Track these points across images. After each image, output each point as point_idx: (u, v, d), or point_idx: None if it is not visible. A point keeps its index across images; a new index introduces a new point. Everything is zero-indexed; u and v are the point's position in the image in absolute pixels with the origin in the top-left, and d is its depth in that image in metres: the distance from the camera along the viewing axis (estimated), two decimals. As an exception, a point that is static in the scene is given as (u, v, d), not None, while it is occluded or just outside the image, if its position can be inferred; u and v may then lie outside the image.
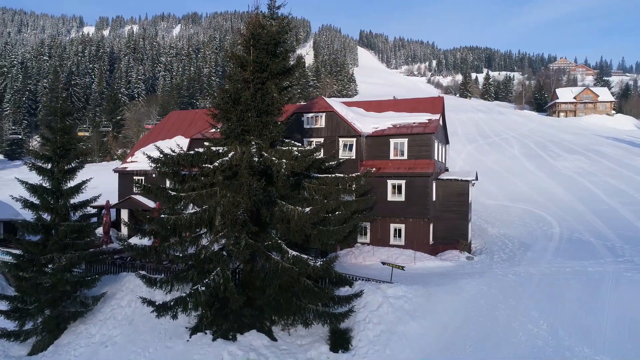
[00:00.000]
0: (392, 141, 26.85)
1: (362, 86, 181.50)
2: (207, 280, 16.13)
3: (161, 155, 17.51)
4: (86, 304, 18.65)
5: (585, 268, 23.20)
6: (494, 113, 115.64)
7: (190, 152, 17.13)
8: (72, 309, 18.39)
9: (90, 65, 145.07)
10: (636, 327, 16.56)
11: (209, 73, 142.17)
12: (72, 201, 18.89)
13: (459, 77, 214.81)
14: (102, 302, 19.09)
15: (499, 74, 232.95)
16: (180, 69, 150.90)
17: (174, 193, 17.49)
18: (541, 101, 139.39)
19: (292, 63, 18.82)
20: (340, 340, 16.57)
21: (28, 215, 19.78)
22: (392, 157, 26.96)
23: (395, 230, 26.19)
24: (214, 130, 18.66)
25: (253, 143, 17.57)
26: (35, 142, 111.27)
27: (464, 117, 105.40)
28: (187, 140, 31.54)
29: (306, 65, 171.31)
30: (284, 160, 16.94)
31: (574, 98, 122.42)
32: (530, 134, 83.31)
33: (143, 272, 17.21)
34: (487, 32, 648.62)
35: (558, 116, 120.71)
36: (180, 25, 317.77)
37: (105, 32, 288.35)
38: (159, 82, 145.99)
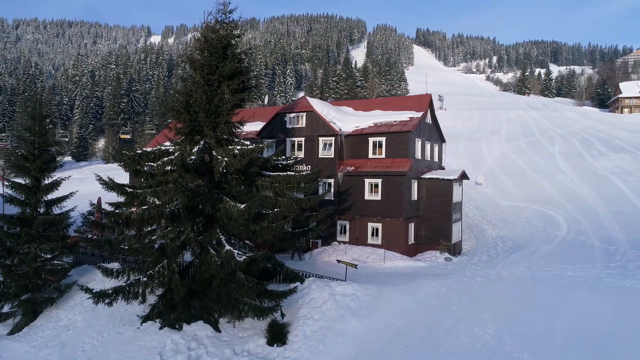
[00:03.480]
0: (371, 140, 26.54)
1: (414, 85, 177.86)
2: (151, 271, 17.26)
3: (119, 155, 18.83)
4: (61, 291, 20.40)
5: (565, 272, 21.81)
6: (548, 110, 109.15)
7: (138, 152, 18.25)
8: (47, 294, 20.20)
9: (151, 72, 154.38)
10: (593, 335, 15.52)
11: (258, 75, 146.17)
12: (49, 197, 20.70)
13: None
14: (76, 289, 20.76)
15: (566, 68, 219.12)
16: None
17: (131, 190, 18.79)
18: (604, 96, 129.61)
19: (244, 65, 19.57)
20: (277, 335, 16.96)
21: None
22: (370, 155, 26.66)
23: (372, 229, 25.85)
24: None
25: (201, 142, 18.52)
26: (100, 144, 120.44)
27: (512, 115, 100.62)
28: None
29: (357, 66, 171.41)
30: (225, 158, 17.75)
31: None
32: (580, 131, 77.95)
33: (100, 264, 18.76)
34: (554, 25, 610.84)
35: (621, 112, 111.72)
36: (239, 30, 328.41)
37: (170, 40, 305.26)
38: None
